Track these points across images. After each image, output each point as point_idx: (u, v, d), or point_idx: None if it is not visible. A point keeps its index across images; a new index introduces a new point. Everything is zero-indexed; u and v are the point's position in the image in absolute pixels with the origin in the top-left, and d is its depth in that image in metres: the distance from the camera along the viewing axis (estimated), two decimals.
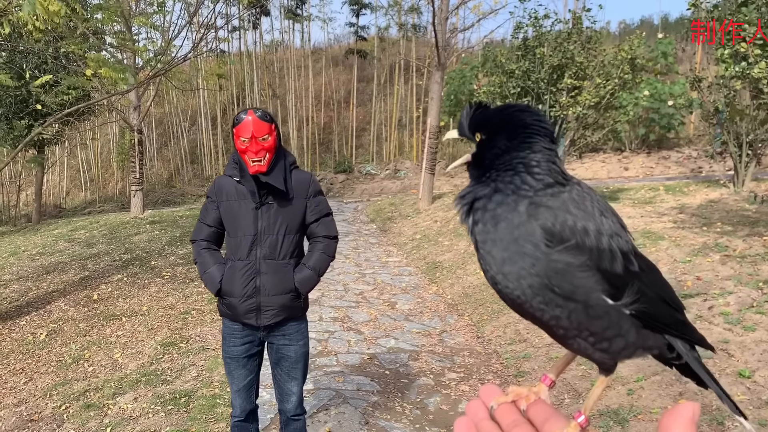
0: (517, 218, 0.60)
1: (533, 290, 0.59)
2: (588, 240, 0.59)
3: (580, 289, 0.58)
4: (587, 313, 0.59)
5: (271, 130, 2.65)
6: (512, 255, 0.59)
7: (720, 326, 4.55)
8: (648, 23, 30.52)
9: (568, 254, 0.58)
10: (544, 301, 0.59)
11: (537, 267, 0.58)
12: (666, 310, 0.65)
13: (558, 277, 0.58)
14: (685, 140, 17.38)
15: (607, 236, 0.60)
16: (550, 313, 0.59)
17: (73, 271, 8.47)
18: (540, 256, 0.58)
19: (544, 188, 0.62)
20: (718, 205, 8.29)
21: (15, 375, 5.07)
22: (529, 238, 0.59)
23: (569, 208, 0.60)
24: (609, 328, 0.59)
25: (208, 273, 2.78)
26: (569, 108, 9.04)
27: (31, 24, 4.74)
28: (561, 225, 0.59)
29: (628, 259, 0.61)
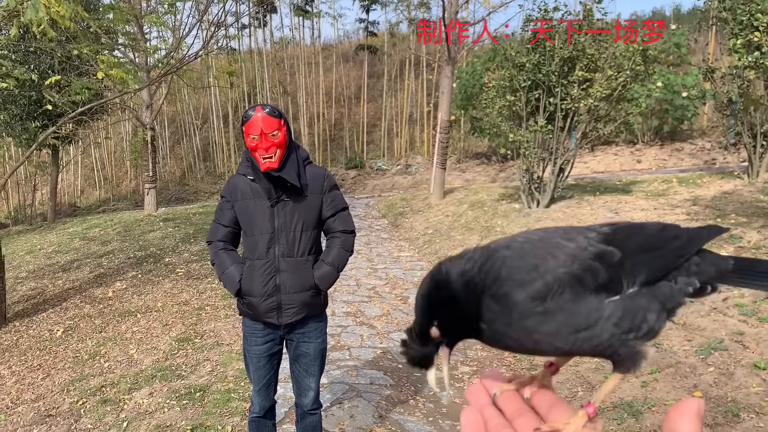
0: (500, 315, 0.60)
1: (568, 341, 0.59)
2: (560, 281, 0.59)
3: (590, 313, 0.58)
4: (612, 322, 0.59)
5: (280, 125, 2.61)
6: (528, 338, 0.60)
7: (735, 318, 4.52)
8: (660, 14, 30.23)
9: (557, 299, 0.58)
10: (580, 343, 0.59)
11: (549, 325, 0.58)
12: (661, 256, 0.62)
13: (568, 319, 0.58)
14: (699, 132, 17.22)
15: (570, 263, 0.60)
16: (590, 344, 0.59)
17: (88, 269, 8.56)
18: (541, 319, 0.58)
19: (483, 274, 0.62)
20: (732, 197, 8.22)
21: (33, 371, 5.14)
22: (522, 318, 0.59)
23: (519, 275, 0.60)
24: (637, 315, 0.59)
25: (227, 274, 2.76)
26: (581, 100, 8.98)
27: (36, 26, 4.78)
28: (531, 289, 0.59)
29: (604, 256, 0.60)
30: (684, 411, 0.46)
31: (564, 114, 9.35)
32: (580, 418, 0.55)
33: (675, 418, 0.46)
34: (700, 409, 0.46)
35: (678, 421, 0.45)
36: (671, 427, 0.46)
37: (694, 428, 0.45)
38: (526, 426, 0.56)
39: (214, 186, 22.20)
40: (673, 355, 4.26)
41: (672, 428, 0.46)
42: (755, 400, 3.51)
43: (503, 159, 19.06)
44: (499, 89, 10.04)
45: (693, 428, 0.45)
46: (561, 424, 0.55)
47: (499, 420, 0.58)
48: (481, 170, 19.20)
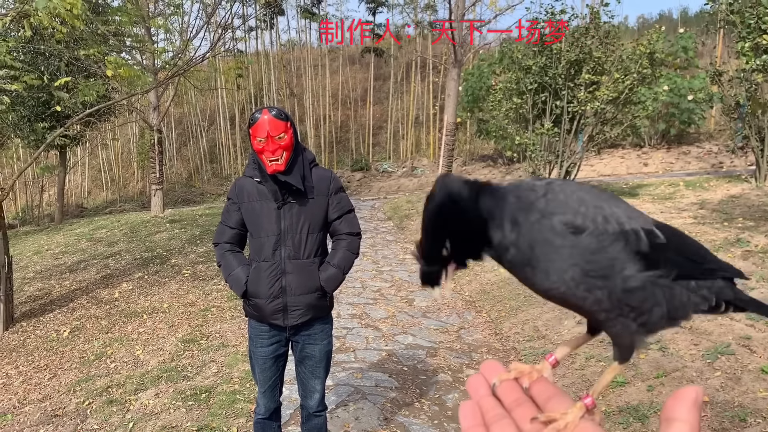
0: (536, 227, 0.61)
1: (575, 281, 0.60)
2: (609, 225, 0.61)
3: (615, 264, 0.60)
4: (625, 288, 0.60)
5: (286, 128, 2.61)
6: (548, 256, 0.60)
7: (742, 322, 4.50)
8: (667, 18, 30.18)
9: (596, 236, 0.60)
10: (587, 288, 0.60)
11: (574, 256, 0.59)
12: (695, 267, 0.65)
13: (594, 258, 0.59)
14: (706, 135, 17.16)
15: (625, 219, 0.62)
16: (592, 297, 0.60)
17: (94, 270, 8.59)
18: (571, 244, 0.60)
19: (541, 193, 0.63)
20: (739, 201, 8.19)
21: (39, 371, 5.17)
22: (554, 234, 0.60)
23: (572, 204, 0.62)
24: (647, 300, 0.61)
25: (233, 275, 2.76)
26: (587, 103, 8.97)
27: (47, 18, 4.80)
28: (578, 217, 0.60)
29: (651, 234, 0.62)
30: (681, 399, 0.45)
31: (570, 117, 9.34)
32: (578, 410, 0.55)
33: (672, 406, 0.45)
34: (698, 397, 0.45)
35: (675, 409, 0.45)
36: (668, 416, 0.45)
37: (691, 416, 0.44)
38: (524, 416, 0.56)
39: (220, 188, 22.25)
40: (680, 359, 4.24)
41: (669, 417, 0.45)
42: (762, 404, 3.49)
43: (509, 161, 19.05)
44: (505, 92, 10.04)
45: (691, 416, 0.44)
46: (559, 414, 0.55)
47: (498, 410, 0.58)
48: (487, 173, 19.19)
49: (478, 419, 0.58)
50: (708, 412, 3.56)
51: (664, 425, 0.45)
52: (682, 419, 0.44)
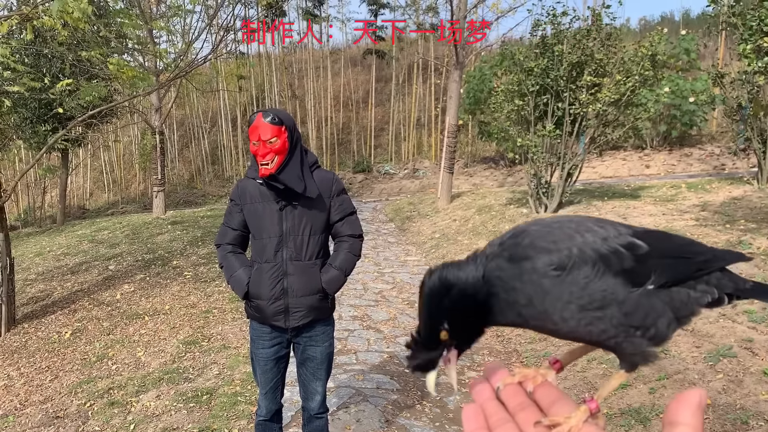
0: (524, 277, 0.60)
1: (575, 317, 0.59)
2: (585, 255, 0.59)
3: (606, 292, 0.59)
4: (623, 311, 0.59)
5: (279, 132, 2.61)
6: (544, 301, 0.60)
7: (744, 324, 4.49)
8: (669, 20, 30.17)
9: (578, 271, 0.59)
10: (588, 322, 0.59)
11: (563, 295, 0.59)
12: (686, 264, 0.64)
13: (584, 293, 0.58)
14: (708, 137, 17.15)
15: (599, 243, 0.60)
16: (597, 328, 0.60)
17: (96, 271, 8.60)
18: (558, 283, 0.59)
19: (499, 249, 0.63)
20: (741, 203, 8.17)
21: (41, 373, 5.17)
22: (540, 278, 0.59)
23: (541, 243, 0.61)
24: (648, 315, 0.60)
25: (235, 277, 2.77)
26: (589, 105, 8.97)
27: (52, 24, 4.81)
28: (554, 256, 0.60)
29: (633, 247, 0.61)
30: (685, 402, 0.45)
31: (572, 119, 9.34)
32: (582, 413, 0.55)
33: (676, 409, 0.45)
34: (701, 400, 0.45)
35: (679, 412, 0.45)
36: (672, 419, 0.45)
37: (695, 420, 0.44)
38: (528, 420, 0.56)
39: (222, 189, 22.27)
40: (682, 361, 4.24)
41: (672, 420, 0.45)
42: (764, 407, 3.48)
43: (511, 163, 19.05)
44: (507, 93, 10.04)
45: (694, 420, 0.44)
46: (562, 418, 0.54)
47: (502, 414, 0.58)
48: (489, 174, 19.19)
49: (482, 422, 0.58)
50: (710, 415, 3.55)
51: (668, 429, 0.45)
52: (685, 423, 0.44)
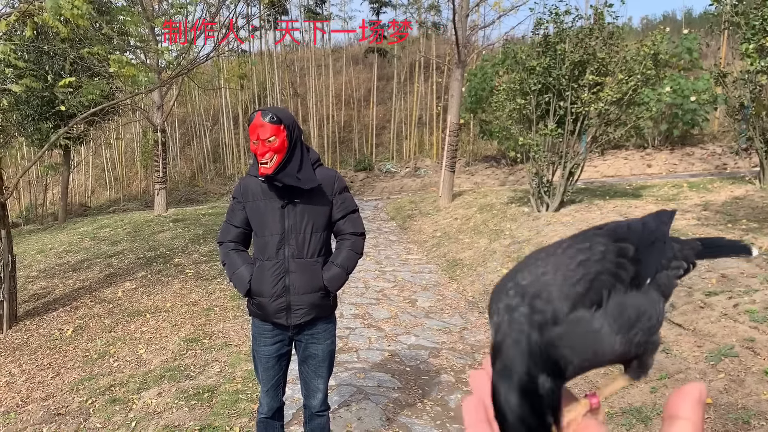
0: (571, 329, 0.57)
1: (623, 343, 0.58)
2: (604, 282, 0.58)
3: (634, 307, 0.58)
4: (646, 317, 0.59)
5: (278, 131, 2.62)
6: (599, 346, 0.57)
7: (745, 324, 4.49)
8: (671, 19, 30.13)
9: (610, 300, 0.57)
10: (630, 341, 0.58)
11: (612, 329, 0.57)
12: (659, 250, 0.64)
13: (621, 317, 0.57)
14: (710, 137, 17.12)
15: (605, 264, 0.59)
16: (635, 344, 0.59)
17: (98, 269, 8.61)
18: (602, 320, 0.57)
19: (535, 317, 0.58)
20: (743, 202, 8.17)
21: (43, 370, 5.18)
22: (584, 324, 0.56)
23: (564, 290, 0.57)
24: (655, 308, 0.60)
25: (237, 274, 2.78)
26: (591, 104, 8.96)
27: (52, 22, 4.81)
28: (589, 296, 0.57)
29: (625, 253, 0.60)
30: (685, 396, 0.45)
31: (574, 118, 9.33)
32: (583, 406, 0.55)
33: (676, 403, 0.45)
34: (702, 394, 0.45)
35: (679, 406, 0.44)
36: (671, 413, 0.45)
37: (695, 414, 0.44)
38: None
39: (223, 187, 22.27)
40: (683, 361, 4.24)
41: (672, 414, 0.45)
42: (766, 407, 3.48)
43: (512, 162, 19.03)
44: (509, 92, 10.03)
45: (694, 414, 0.44)
46: (563, 410, 0.54)
47: None
48: (491, 173, 19.17)
49: (482, 415, 0.57)
50: (711, 415, 3.55)
51: (667, 423, 0.44)
52: (685, 417, 0.44)
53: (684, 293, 5.29)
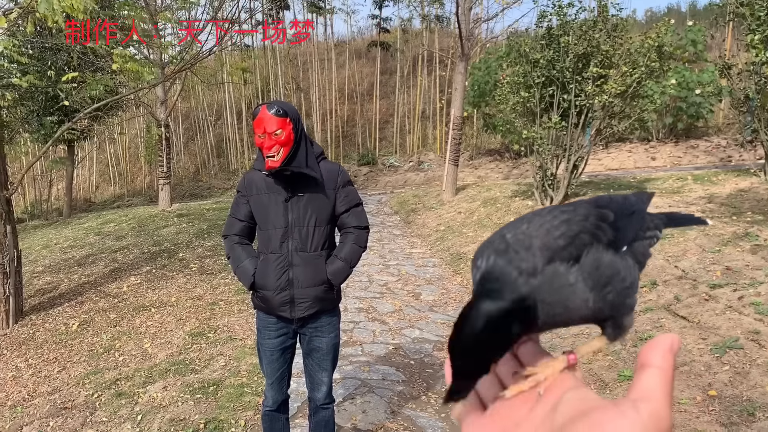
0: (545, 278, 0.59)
1: (595, 301, 0.60)
2: (584, 239, 0.60)
3: (610, 265, 0.60)
4: (620, 277, 0.61)
5: (284, 124, 2.61)
6: (574, 302, 0.59)
7: (750, 317, 4.48)
8: (675, 10, 29.99)
9: (587, 257, 0.60)
10: (602, 299, 0.60)
11: (587, 282, 0.59)
12: (638, 219, 0.69)
13: (597, 272, 0.60)
14: (714, 129, 17.05)
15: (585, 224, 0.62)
16: (606, 304, 0.61)
17: (103, 264, 8.63)
18: (577, 274, 0.59)
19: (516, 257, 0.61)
20: (748, 195, 8.14)
21: (49, 364, 5.20)
22: (565, 279, 0.59)
23: (548, 241, 0.60)
24: (630, 272, 0.63)
25: (241, 267, 2.79)
26: (595, 97, 8.92)
27: (51, 20, 4.81)
28: (568, 250, 0.60)
29: (605, 217, 0.64)
30: (656, 345, 0.45)
31: (578, 110, 9.30)
32: (560, 362, 0.55)
33: (647, 352, 0.45)
34: (673, 344, 0.45)
35: (650, 355, 0.45)
36: (642, 362, 0.45)
37: (665, 363, 0.44)
38: (508, 372, 0.58)
39: (227, 182, 22.30)
40: (688, 353, 4.23)
41: (643, 362, 0.45)
42: None
43: (516, 156, 19.00)
44: (513, 85, 9.99)
45: (664, 362, 0.44)
46: (539, 368, 0.55)
47: None
48: (494, 167, 19.14)
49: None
50: (716, 407, 3.55)
51: (638, 372, 0.45)
52: (655, 365, 0.44)
53: (689, 286, 5.28)
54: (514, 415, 0.53)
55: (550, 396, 0.52)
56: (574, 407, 0.47)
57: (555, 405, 0.50)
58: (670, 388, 0.43)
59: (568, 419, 0.46)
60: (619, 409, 0.42)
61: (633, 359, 4.31)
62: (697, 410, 3.56)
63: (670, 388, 0.43)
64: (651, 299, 5.29)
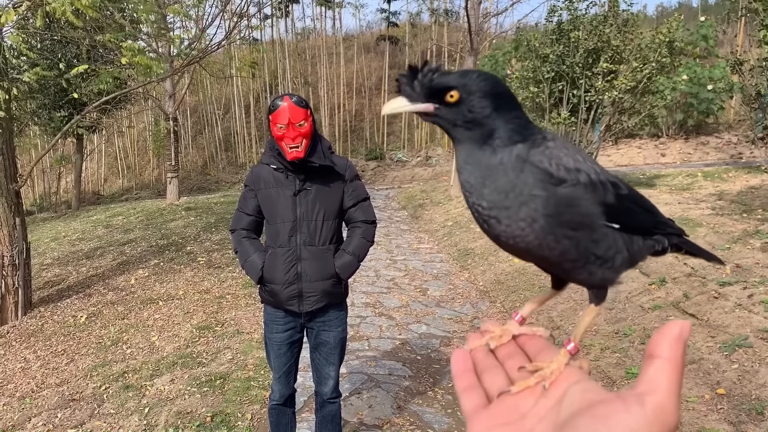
0: (516, 163, 0.62)
1: (545, 230, 0.61)
2: (581, 177, 0.62)
3: (586, 217, 0.61)
4: (592, 239, 0.62)
5: (307, 115, 2.63)
6: (520, 202, 0.61)
7: (760, 314, 4.44)
8: (686, 6, 29.75)
9: (571, 189, 0.61)
10: (555, 238, 0.61)
11: (548, 206, 0.60)
12: (649, 218, 0.70)
13: (568, 210, 0.61)
14: (725, 125, 16.93)
15: (594, 173, 0.63)
16: (560, 248, 0.62)
17: (111, 256, 8.67)
18: (548, 194, 0.60)
19: (533, 135, 0.64)
20: (759, 192, 8.07)
21: (57, 356, 5.23)
22: (531, 181, 0.61)
23: (558, 153, 0.63)
24: (610, 248, 0.64)
25: (249, 261, 2.79)
26: (605, 92, 8.87)
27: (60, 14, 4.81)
28: (561, 168, 0.61)
29: (617, 186, 0.65)
30: (665, 333, 0.44)
31: (588, 106, 9.24)
32: (563, 356, 0.56)
33: (656, 341, 0.44)
34: (682, 332, 0.44)
35: (658, 345, 0.44)
36: (650, 352, 0.44)
37: (674, 351, 0.43)
38: (514, 366, 0.58)
39: (235, 176, 22.34)
40: (696, 351, 4.21)
41: (651, 353, 0.44)
42: None
43: None
44: (522, 80, 9.95)
45: (674, 351, 0.43)
46: (545, 363, 0.56)
47: (491, 360, 0.60)
48: None
49: (469, 365, 0.60)
50: (725, 405, 3.52)
51: (646, 362, 0.44)
52: (664, 356, 0.43)
53: (698, 283, 5.25)
54: (520, 407, 0.54)
55: (555, 389, 0.53)
56: (579, 400, 0.47)
57: (560, 398, 0.50)
58: (677, 380, 0.42)
59: (572, 412, 0.46)
60: (623, 402, 0.41)
61: (641, 356, 4.29)
62: (705, 408, 3.54)
63: (677, 380, 0.42)
64: (660, 296, 5.25)
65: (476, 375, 0.59)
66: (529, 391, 0.54)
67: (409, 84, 0.67)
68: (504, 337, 0.63)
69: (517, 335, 0.63)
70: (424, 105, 0.66)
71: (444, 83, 0.64)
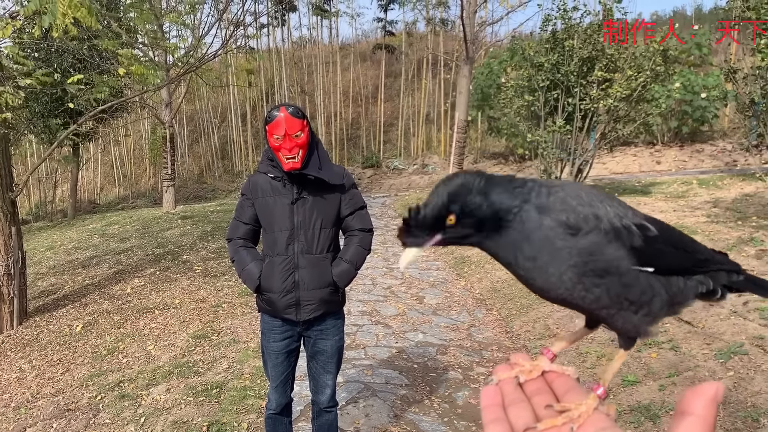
0: (532, 226, 0.63)
1: (573, 281, 0.62)
2: (602, 224, 0.63)
3: (611, 264, 0.62)
4: (623, 283, 0.62)
5: (303, 126, 2.64)
6: (547, 257, 0.62)
7: (755, 322, 4.46)
8: (681, 14, 29.94)
9: (592, 236, 0.62)
10: (585, 288, 0.62)
11: (571, 256, 0.61)
12: (686, 257, 0.69)
13: (591, 258, 0.61)
14: (720, 133, 17.01)
15: (616, 218, 0.64)
16: (591, 296, 0.62)
17: (107, 265, 8.65)
18: (569, 245, 0.61)
19: (535, 193, 0.65)
20: (753, 199, 8.11)
21: (53, 366, 5.21)
22: (553, 235, 0.62)
23: (570, 202, 0.63)
24: (645, 293, 0.63)
25: (247, 270, 2.79)
26: (600, 101, 8.92)
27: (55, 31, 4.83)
28: (574, 217, 0.62)
29: (643, 228, 0.65)
30: (700, 394, 0.45)
31: (583, 114, 9.29)
32: (592, 400, 0.57)
33: (689, 400, 0.45)
34: (717, 393, 0.45)
35: (692, 403, 0.44)
36: (683, 409, 0.45)
37: (707, 412, 0.44)
38: (541, 403, 0.59)
39: (231, 184, 22.33)
40: (692, 358, 4.22)
41: (684, 410, 0.45)
42: None
43: (521, 159, 18.98)
44: (517, 89, 10.00)
45: (707, 412, 0.44)
46: (573, 404, 0.57)
47: (518, 395, 0.61)
48: (498, 170, 19.12)
49: (498, 399, 0.61)
50: (720, 413, 3.53)
51: (678, 418, 0.44)
52: (696, 414, 0.44)
53: None
54: None
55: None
56: None
57: None
58: None
59: None
60: None
61: (637, 364, 4.30)
62: None
63: None
64: None
65: (503, 407, 0.60)
66: (555, 430, 0.55)
67: (411, 233, 0.68)
68: (534, 372, 0.63)
69: (547, 371, 0.64)
70: (432, 240, 0.67)
71: (436, 213, 0.65)
